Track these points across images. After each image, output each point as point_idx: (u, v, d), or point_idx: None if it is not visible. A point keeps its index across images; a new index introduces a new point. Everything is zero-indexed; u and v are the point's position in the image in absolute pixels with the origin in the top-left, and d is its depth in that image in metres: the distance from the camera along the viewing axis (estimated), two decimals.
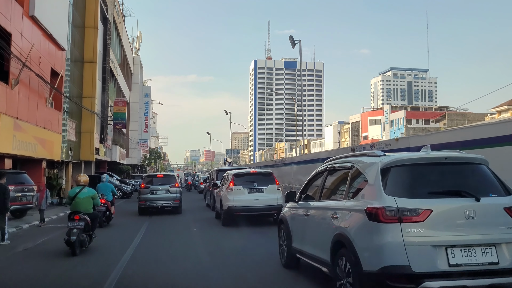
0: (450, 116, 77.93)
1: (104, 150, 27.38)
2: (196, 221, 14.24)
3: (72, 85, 21.21)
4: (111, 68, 30.34)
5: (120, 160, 36.91)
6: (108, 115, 28.09)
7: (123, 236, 10.71)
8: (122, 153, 38.11)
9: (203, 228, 12.68)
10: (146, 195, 15.76)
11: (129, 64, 43.51)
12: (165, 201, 15.75)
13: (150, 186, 15.88)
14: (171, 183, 16.26)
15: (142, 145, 47.07)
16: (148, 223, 13.57)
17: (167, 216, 15.32)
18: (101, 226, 11.48)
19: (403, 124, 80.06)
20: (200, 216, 15.59)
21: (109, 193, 12.78)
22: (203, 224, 13.50)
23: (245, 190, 12.71)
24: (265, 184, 12.96)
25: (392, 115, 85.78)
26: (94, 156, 22.33)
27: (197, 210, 18.10)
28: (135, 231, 11.44)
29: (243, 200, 12.54)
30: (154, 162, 69.89)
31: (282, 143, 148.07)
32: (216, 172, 19.38)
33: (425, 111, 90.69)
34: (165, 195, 15.84)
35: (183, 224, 13.63)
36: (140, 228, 12.07)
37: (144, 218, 14.87)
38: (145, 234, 11.07)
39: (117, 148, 34.07)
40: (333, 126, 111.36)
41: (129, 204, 20.73)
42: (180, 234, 11.38)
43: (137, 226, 12.53)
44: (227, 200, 12.76)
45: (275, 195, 12.80)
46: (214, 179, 18.69)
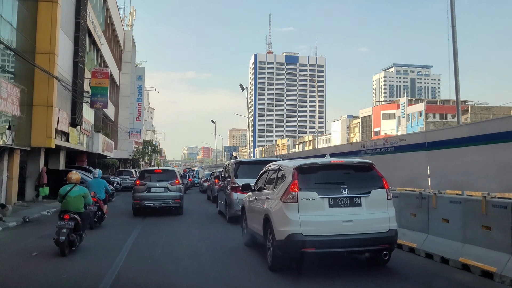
0: (473, 110, 71.70)
1: (78, 137, 20.24)
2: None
3: (19, 34, 14.15)
4: (89, 29, 23.21)
5: (106, 152, 29.90)
6: (83, 90, 21.04)
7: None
8: (108, 143, 31.06)
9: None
10: (141, 193, 14.09)
11: (117, 36, 36.33)
12: (163, 201, 14.10)
13: (146, 183, 14.21)
14: (171, 180, 14.49)
15: (133, 135, 39.92)
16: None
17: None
18: (91, 228, 10.54)
19: (422, 118, 73.28)
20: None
21: (101, 190, 11.65)
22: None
23: (323, 202, 6.32)
24: (363, 187, 6.49)
25: (409, 109, 79.00)
26: (52, 141, 15.22)
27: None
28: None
29: (321, 222, 6.29)
30: (149, 156, 62.65)
31: (284, 140, 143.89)
32: (235, 166, 12.99)
33: (442, 104, 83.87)
34: (164, 193, 14.19)
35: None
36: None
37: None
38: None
39: (99, 137, 27.06)
40: (341, 121, 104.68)
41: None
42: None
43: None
44: (284, 222, 6.41)
45: (383, 212, 6.42)
46: (233, 177, 12.57)
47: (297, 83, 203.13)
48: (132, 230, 10.91)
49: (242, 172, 12.40)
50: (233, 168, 12.85)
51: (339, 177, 6.60)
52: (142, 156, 49.28)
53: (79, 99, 20.04)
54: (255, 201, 8.07)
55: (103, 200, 11.76)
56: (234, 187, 12.15)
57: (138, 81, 43.28)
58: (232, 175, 12.66)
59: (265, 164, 11.65)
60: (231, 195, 12.24)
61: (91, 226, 10.36)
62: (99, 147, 27.24)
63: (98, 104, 21.64)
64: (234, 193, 11.96)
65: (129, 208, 15.27)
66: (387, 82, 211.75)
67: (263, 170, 8.66)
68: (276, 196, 6.78)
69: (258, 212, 7.57)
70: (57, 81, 15.90)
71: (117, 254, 7.75)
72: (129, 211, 14.99)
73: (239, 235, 9.42)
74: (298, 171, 6.59)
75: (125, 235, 10.04)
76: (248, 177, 11.21)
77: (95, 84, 21.40)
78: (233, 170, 12.75)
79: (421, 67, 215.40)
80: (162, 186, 14.29)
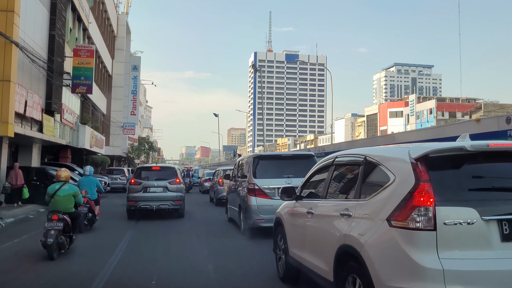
0: (487, 107, 68.56)
1: (55, 127, 16.59)
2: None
3: None
4: (72, 0, 19.50)
5: (94, 147, 26.26)
6: (63, 71, 17.39)
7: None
8: (97, 138, 27.44)
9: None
10: (137, 193, 12.60)
11: (109, 20, 32.62)
12: (162, 202, 12.54)
13: (142, 182, 12.72)
14: (171, 178, 12.95)
15: (127, 129, 36.16)
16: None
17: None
18: (81, 231, 9.26)
19: (433, 115, 69.84)
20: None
21: (93, 189, 10.44)
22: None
23: (490, 229, 2.95)
24: None
25: (418, 106, 75.61)
26: (9, 128, 11.30)
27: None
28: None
29: (490, 274, 2.83)
30: (146, 154, 58.98)
31: (284, 139, 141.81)
32: (253, 162, 9.87)
33: (451, 102, 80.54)
34: (163, 193, 12.65)
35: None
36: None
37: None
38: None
39: (86, 130, 23.47)
40: (345, 119, 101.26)
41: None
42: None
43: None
44: (403, 271, 2.98)
45: None
46: (251, 176, 9.58)
47: (297, 82, 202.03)
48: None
49: (262, 170, 9.55)
50: (251, 164, 9.73)
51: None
52: (137, 153, 45.44)
53: (57, 81, 16.37)
54: (311, 217, 4.75)
55: (95, 200, 10.61)
56: (252, 190, 9.24)
57: (133, 71, 39.54)
58: (250, 174, 9.56)
59: (295, 159, 9.80)
60: (248, 200, 9.29)
61: (80, 229, 9.28)
62: (86, 141, 23.62)
63: (81, 88, 17.96)
64: (253, 197, 9.21)
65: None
66: (388, 82, 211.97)
67: (320, 165, 5.41)
68: (374, 213, 3.41)
69: (324, 240, 4.31)
70: (19, 50, 12.20)
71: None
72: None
73: (264, 257, 6.95)
74: (425, 164, 3.18)
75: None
76: (271, 176, 9.30)
77: (78, 64, 17.70)
78: (251, 167, 9.65)
79: (422, 67, 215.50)
80: (160, 185, 12.77)
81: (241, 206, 10.01)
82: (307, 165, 8.28)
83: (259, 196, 9.12)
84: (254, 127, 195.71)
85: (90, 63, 17.82)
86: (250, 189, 9.33)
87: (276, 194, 8.78)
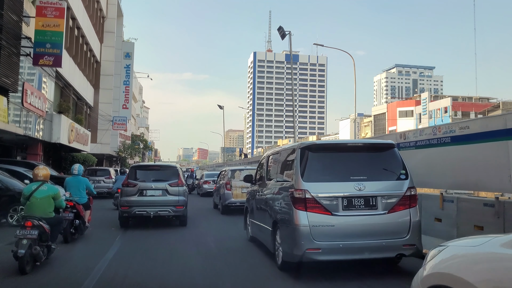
0: (505, 106, 64.68)
1: (4, 109, 11.94)
2: None
3: None
4: None
5: (75, 143, 21.67)
6: (20, 34, 12.67)
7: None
8: (80, 133, 22.87)
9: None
10: (131, 197, 10.74)
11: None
12: (161, 207, 10.72)
13: (138, 184, 10.87)
14: (172, 179, 11.05)
15: (118, 124, 31.39)
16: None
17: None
18: (66, 241, 8.36)
19: (449, 114, 65.45)
20: None
21: (81, 191, 9.07)
22: None
23: None
24: None
25: (431, 105, 71.35)
26: None
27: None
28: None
29: None
30: (140, 154, 54.18)
31: (285, 140, 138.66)
32: (300, 155, 6.28)
33: (464, 101, 76.31)
34: (162, 197, 10.84)
35: None
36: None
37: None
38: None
39: (62, 120, 18.95)
40: (350, 119, 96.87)
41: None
42: None
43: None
44: None
45: None
46: (298, 178, 6.02)
47: (297, 82, 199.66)
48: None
49: (317, 169, 6.26)
50: (297, 160, 6.27)
51: None
52: (130, 152, 40.54)
53: (7, 46, 11.65)
54: None
55: (85, 204, 9.15)
56: (300, 200, 5.90)
57: (125, 59, 34.80)
58: (296, 175, 6.13)
59: (367, 151, 6.66)
60: (293, 217, 5.91)
61: (66, 238, 8.32)
62: (62, 135, 19.03)
63: (46, 59, 13.17)
64: (301, 212, 5.88)
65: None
66: (389, 83, 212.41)
67: None
68: None
69: None
70: None
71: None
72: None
73: None
74: None
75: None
76: (331, 177, 6.12)
77: (42, 27, 12.92)
78: (297, 164, 6.21)
79: (423, 68, 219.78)
80: (159, 187, 11.12)
81: (278, 224, 6.53)
82: (387, 160, 6.37)
83: (312, 211, 5.81)
84: (253, 128, 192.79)
85: (60, 25, 13.05)
86: (297, 198, 5.90)
87: (340, 207, 5.83)
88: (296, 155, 6.25)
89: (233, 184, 14.04)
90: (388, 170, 6.28)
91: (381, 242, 5.79)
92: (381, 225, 5.84)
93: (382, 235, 5.82)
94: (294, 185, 6.01)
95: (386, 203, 5.91)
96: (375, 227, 5.83)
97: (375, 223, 5.83)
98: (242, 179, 14.59)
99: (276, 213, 6.65)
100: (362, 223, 5.81)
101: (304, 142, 6.96)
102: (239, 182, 13.48)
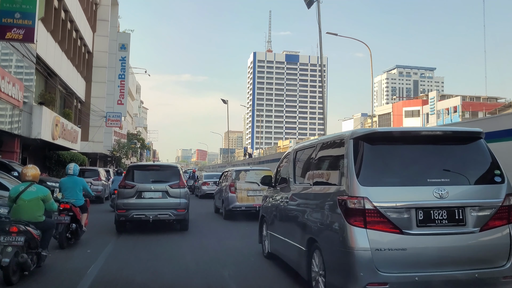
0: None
1: None
2: None
3: None
4: None
5: (61, 140, 19.26)
6: None
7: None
8: (67, 129, 20.47)
9: None
10: (129, 199, 10.08)
11: None
12: (161, 211, 10.06)
13: (136, 185, 10.20)
14: (172, 180, 10.37)
15: (112, 121, 28.78)
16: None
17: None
18: (62, 247, 7.89)
19: (458, 114, 63.07)
20: None
21: (78, 193, 8.53)
22: None
23: None
24: None
25: (439, 104, 69.11)
26: None
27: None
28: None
29: None
30: (137, 154, 51.54)
31: (286, 141, 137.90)
32: (359, 147, 4.41)
33: (471, 101, 73.90)
34: (162, 200, 10.15)
35: None
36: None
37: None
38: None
39: (44, 113, 16.58)
40: (353, 120, 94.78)
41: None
42: None
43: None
44: None
45: None
46: (355, 180, 4.17)
47: (297, 83, 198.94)
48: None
49: (379, 167, 4.49)
50: (348, 154, 4.51)
51: None
52: (125, 152, 37.85)
53: None
54: None
55: (81, 207, 8.53)
56: (356, 213, 4.22)
57: (121, 51, 32.23)
58: (347, 176, 4.41)
59: (447, 143, 4.82)
60: (348, 237, 4.21)
61: (61, 244, 7.88)
62: (44, 130, 16.58)
63: (14, 33, 10.44)
64: (359, 229, 4.20)
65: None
66: (389, 84, 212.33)
67: None
68: None
69: None
70: None
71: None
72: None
73: None
74: None
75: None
76: (399, 180, 4.40)
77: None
78: (349, 161, 4.45)
79: (424, 69, 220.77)
80: (159, 189, 10.21)
81: (318, 244, 4.84)
82: (473, 155, 4.63)
83: (374, 227, 4.20)
84: (253, 130, 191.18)
85: None
86: (352, 210, 4.28)
87: (414, 223, 4.21)
88: (347, 148, 4.55)
89: (238, 186, 12.84)
90: (476, 169, 4.61)
91: (472, 273, 4.17)
92: (471, 248, 4.24)
93: (472, 263, 4.22)
94: (345, 190, 4.36)
95: (478, 217, 4.31)
96: (464, 251, 4.22)
97: (463, 245, 4.23)
98: (251, 180, 12.89)
99: (313, 227, 5.01)
100: (446, 246, 4.19)
101: (357, 130, 4.76)
102: (245, 184, 12.73)
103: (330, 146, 5.16)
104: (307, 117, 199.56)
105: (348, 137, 4.62)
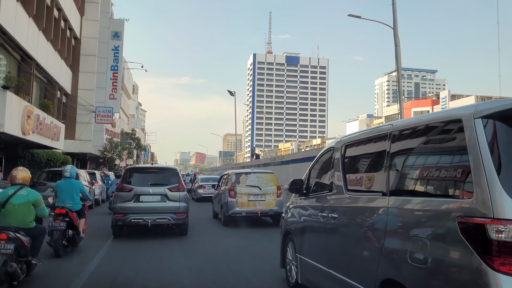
0: None
1: None
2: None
3: None
4: None
5: (37, 136, 16.08)
6: None
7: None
8: (44, 123, 17.30)
9: None
10: (126, 203, 9.88)
11: None
12: (159, 215, 9.96)
13: (134, 188, 10.03)
14: (172, 183, 10.30)
15: (102, 116, 25.33)
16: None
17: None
18: (58, 255, 7.45)
19: None
20: None
21: (75, 197, 8.11)
22: None
23: None
24: None
25: (451, 104, 66.19)
26: None
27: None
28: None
29: None
30: (133, 155, 48.03)
31: (287, 144, 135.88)
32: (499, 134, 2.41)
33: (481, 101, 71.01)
34: (161, 203, 10.05)
35: None
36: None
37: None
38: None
39: (8, 100, 13.37)
40: (359, 121, 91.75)
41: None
42: None
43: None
44: None
45: None
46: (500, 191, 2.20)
47: (297, 85, 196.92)
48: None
49: None
50: (475, 144, 2.50)
51: None
52: (119, 152, 34.32)
53: None
54: None
55: (78, 211, 8.19)
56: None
57: (113, 39, 28.84)
58: (490, 181, 2.34)
59: None
60: None
61: (57, 252, 7.48)
62: (10, 121, 13.27)
63: None
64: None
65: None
66: (390, 86, 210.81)
67: None
68: None
69: None
70: None
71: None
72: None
73: None
74: None
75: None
76: None
77: None
78: (486, 155, 2.42)
79: (426, 72, 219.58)
80: (157, 192, 10.06)
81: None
82: None
83: None
84: (253, 132, 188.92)
85: None
86: (496, 244, 2.30)
87: None
88: (471, 134, 2.66)
89: (238, 191, 12.31)
90: None
91: None
92: None
93: None
94: (478, 207, 2.47)
95: None
96: None
97: None
98: (252, 184, 12.31)
99: (394, 263, 3.19)
100: None
101: (483, 104, 2.74)
102: (246, 187, 12.24)
103: (425, 134, 3.23)
104: (307, 119, 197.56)
105: (468, 116, 2.72)
